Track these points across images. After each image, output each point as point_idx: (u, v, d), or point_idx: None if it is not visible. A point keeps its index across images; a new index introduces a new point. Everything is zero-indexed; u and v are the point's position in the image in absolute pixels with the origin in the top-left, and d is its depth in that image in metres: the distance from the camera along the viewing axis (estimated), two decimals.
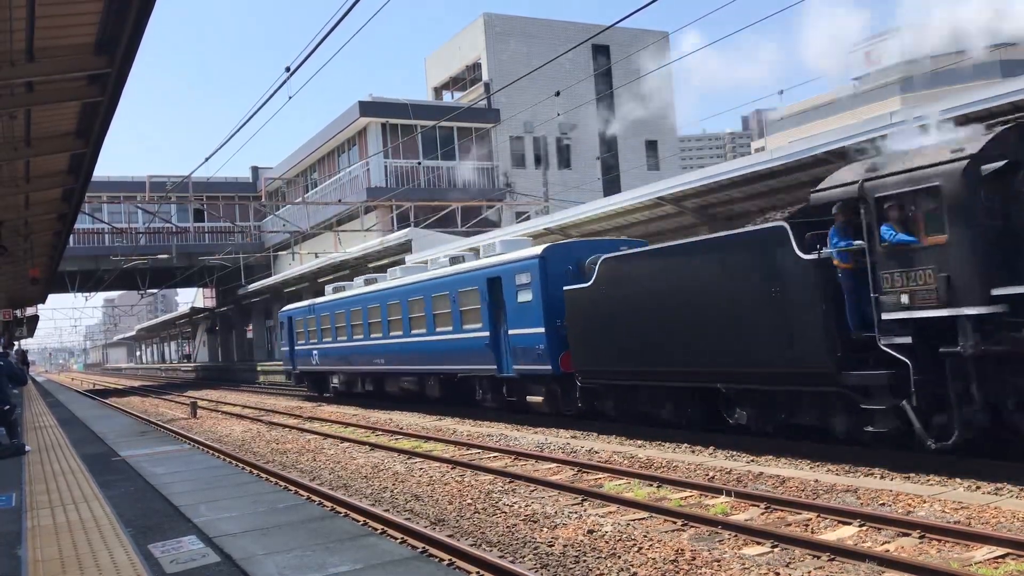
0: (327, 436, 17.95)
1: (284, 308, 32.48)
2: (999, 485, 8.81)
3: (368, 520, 9.26)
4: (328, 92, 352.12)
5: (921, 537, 7.30)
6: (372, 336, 23.47)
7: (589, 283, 14.45)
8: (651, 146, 46.82)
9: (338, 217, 40.69)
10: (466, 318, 18.58)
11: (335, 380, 27.58)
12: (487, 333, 17.72)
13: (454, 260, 20.43)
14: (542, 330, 15.77)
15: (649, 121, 46.27)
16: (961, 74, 48.26)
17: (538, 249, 16.42)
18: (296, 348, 30.32)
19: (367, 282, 24.91)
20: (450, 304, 19.20)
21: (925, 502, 8.46)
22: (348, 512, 9.77)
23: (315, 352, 28.27)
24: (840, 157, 16.28)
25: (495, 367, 17.58)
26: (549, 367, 15.69)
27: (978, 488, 8.84)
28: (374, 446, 15.67)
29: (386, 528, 8.83)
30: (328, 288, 28.25)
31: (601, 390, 14.88)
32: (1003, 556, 6.67)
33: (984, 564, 6.57)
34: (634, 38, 43.79)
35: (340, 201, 38.37)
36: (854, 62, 65.36)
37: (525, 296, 16.35)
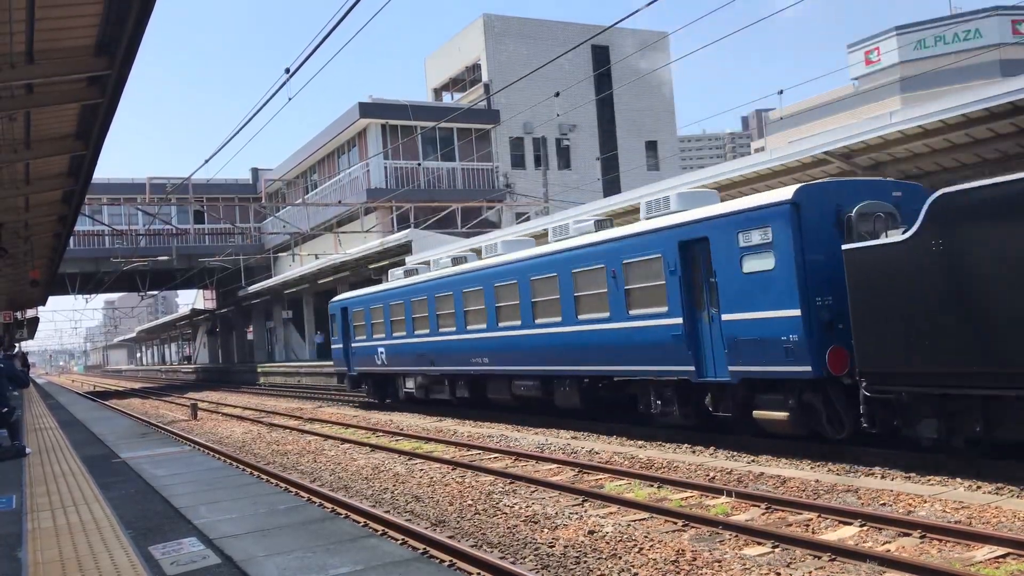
0: (327, 437, 17.95)
1: (337, 297, 27.10)
2: (999, 485, 8.82)
3: (369, 521, 9.26)
4: (328, 93, 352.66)
5: (922, 537, 7.30)
6: (471, 328, 18.45)
7: (906, 236, 9.53)
8: (651, 146, 46.87)
9: (338, 218, 40.74)
10: (636, 300, 13.59)
11: (409, 384, 22.22)
12: (678, 320, 12.68)
13: (601, 224, 15.62)
14: (795, 312, 10.74)
15: (649, 121, 46.35)
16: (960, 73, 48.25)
17: (787, 192, 11.20)
18: (353, 345, 24.97)
19: (455, 261, 20.30)
20: (606, 281, 14.24)
21: (926, 502, 8.46)
22: (349, 513, 9.77)
23: (381, 349, 22.95)
24: (841, 157, 16.31)
25: (691, 368, 12.52)
26: (807, 368, 10.63)
27: (979, 488, 8.85)
28: (375, 447, 15.67)
29: (387, 529, 8.83)
30: (395, 272, 23.64)
31: (913, 404, 9.75)
32: (1004, 556, 6.67)
33: (985, 564, 6.57)
34: (634, 39, 43.85)
35: (340, 202, 38.42)
36: (854, 61, 65.46)
37: (759, 263, 11.33)
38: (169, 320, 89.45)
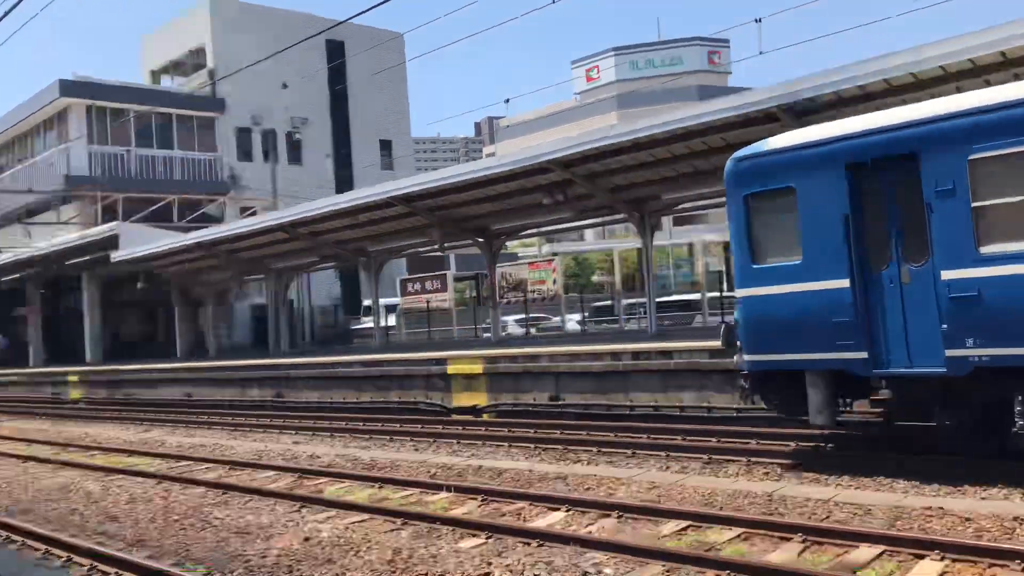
0: (4, 455, 15.64)
1: (778, 142, 9.10)
2: (685, 464, 9.83)
3: (50, 548, 8.16)
4: (30, 72, 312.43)
5: (619, 517, 7.87)
6: None
7: None
8: (385, 146, 46.79)
9: (29, 207, 36.02)
10: None
11: None
12: None
13: None
14: None
15: (383, 121, 46.28)
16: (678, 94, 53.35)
17: None
18: (958, 277, 7.62)
19: None
20: None
21: (624, 484, 9.17)
22: (25, 540, 8.53)
23: None
24: (560, 166, 17.29)
25: None
26: None
27: (668, 468, 9.80)
28: (64, 464, 13.93)
29: (71, 555, 7.83)
30: None
31: None
32: (685, 528, 7.39)
33: (670, 537, 7.22)
34: (369, 36, 43.50)
35: (31, 190, 33.93)
36: (576, 76, 70.51)
37: None
38: None
